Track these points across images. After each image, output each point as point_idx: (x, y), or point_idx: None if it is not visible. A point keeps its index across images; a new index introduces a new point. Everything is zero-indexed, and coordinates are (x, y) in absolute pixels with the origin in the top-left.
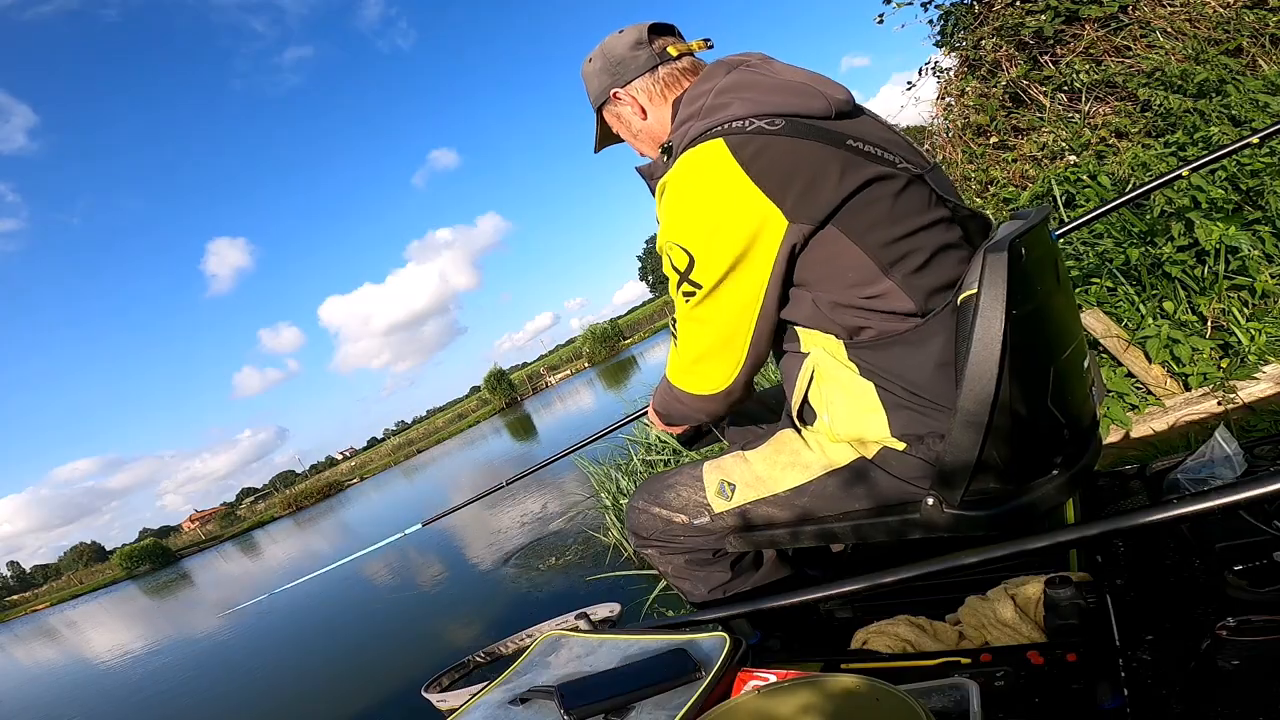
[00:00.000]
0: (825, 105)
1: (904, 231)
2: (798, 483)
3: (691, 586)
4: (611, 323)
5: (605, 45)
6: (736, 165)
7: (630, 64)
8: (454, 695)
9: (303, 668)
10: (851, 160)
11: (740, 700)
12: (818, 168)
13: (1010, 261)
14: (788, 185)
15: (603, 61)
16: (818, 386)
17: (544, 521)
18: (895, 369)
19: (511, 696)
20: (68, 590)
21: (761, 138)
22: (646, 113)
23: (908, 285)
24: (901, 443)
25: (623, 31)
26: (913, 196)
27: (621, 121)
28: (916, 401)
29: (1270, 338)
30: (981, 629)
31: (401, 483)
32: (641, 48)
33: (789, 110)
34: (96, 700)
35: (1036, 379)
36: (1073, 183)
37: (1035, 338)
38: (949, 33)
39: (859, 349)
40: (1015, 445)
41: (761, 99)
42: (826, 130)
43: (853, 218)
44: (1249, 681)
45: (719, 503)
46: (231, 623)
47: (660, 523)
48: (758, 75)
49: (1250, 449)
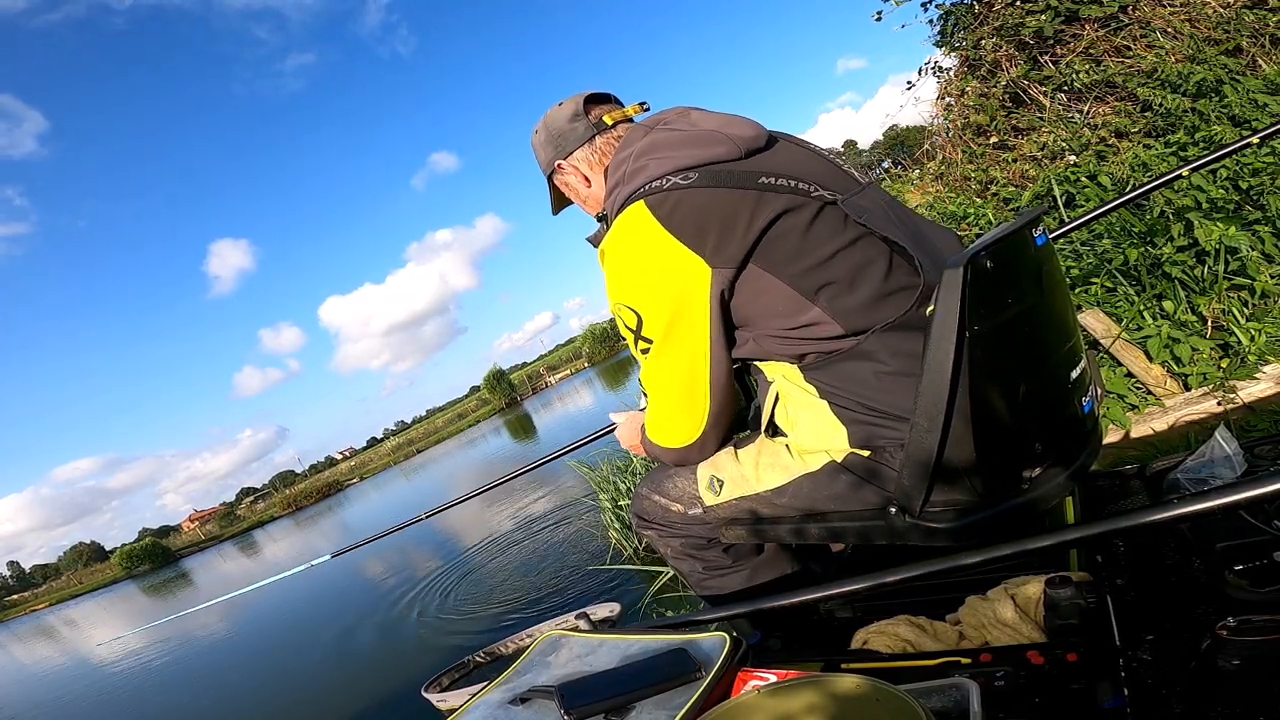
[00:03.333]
0: (732, 149)
1: (820, 258)
2: (778, 483)
3: (689, 568)
4: (611, 323)
5: (547, 118)
6: (657, 224)
7: (570, 136)
8: (454, 695)
9: (303, 667)
10: (762, 198)
11: (740, 700)
12: (727, 214)
13: (973, 276)
14: (704, 234)
15: (546, 134)
16: (783, 408)
17: (544, 522)
18: (845, 385)
19: (511, 696)
20: (67, 590)
21: (676, 193)
22: (589, 180)
23: (834, 308)
24: (866, 451)
25: (561, 105)
26: (825, 222)
27: (570, 189)
28: (870, 415)
29: (1270, 338)
30: (981, 629)
31: (401, 483)
32: (579, 119)
33: (699, 161)
34: (97, 699)
35: (1004, 390)
36: (1073, 183)
37: (1006, 348)
38: (949, 32)
39: (811, 370)
40: (978, 456)
41: (674, 155)
42: (737, 173)
43: (769, 252)
44: (1249, 681)
45: (709, 496)
46: (231, 622)
47: (660, 509)
48: (670, 132)
49: (1250, 449)
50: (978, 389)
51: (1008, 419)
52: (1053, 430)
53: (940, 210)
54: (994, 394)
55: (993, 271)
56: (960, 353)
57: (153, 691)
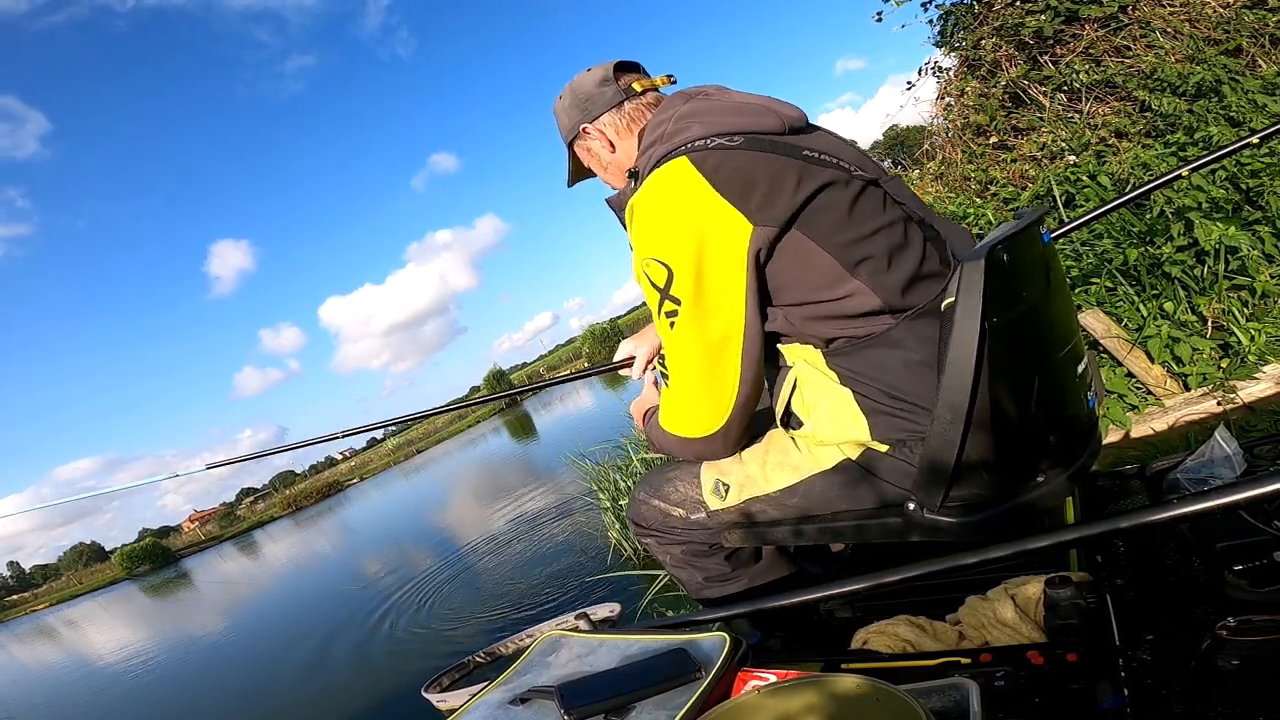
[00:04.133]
0: (778, 122)
1: (863, 233)
2: (788, 483)
3: (689, 576)
4: (611, 322)
5: (574, 83)
6: (700, 177)
7: (598, 100)
8: (454, 695)
9: (302, 668)
10: (807, 168)
11: (740, 700)
12: (775, 175)
13: (990, 269)
14: (749, 192)
15: (572, 98)
16: (800, 395)
17: (543, 522)
18: (871, 373)
19: (511, 696)
20: (67, 590)
21: (721, 152)
22: (614, 146)
23: (874, 283)
24: (884, 445)
25: (590, 70)
26: (869, 200)
27: (591, 155)
28: (895, 405)
29: (1270, 338)
30: (981, 629)
31: (401, 483)
32: (608, 85)
33: (745, 129)
34: (96, 699)
35: (1020, 385)
36: (1073, 183)
37: (1020, 343)
38: (949, 32)
39: (836, 356)
40: (997, 451)
41: (719, 120)
42: (782, 144)
43: (814, 220)
44: (1249, 681)
45: (714, 500)
46: (231, 622)
47: (659, 515)
48: (714, 101)
49: (1250, 449)
50: (997, 381)
51: (1025, 413)
52: (1061, 427)
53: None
54: (1012, 387)
55: (1008, 265)
56: (982, 345)
57: (152, 692)
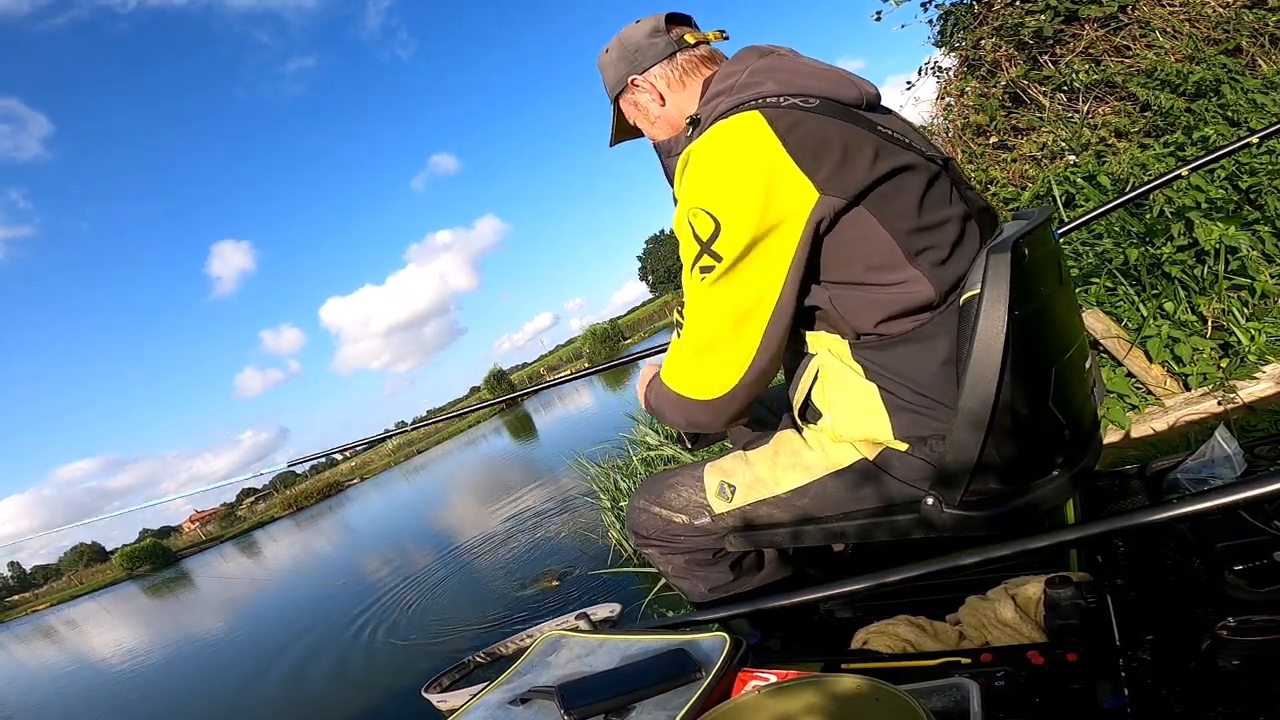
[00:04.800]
0: (858, 94)
1: (930, 222)
2: (799, 484)
3: (691, 586)
4: (611, 323)
5: (622, 35)
6: (772, 134)
7: (648, 51)
8: (454, 695)
9: (303, 667)
10: (885, 145)
11: (740, 700)
12: (852, 146)
13: (1013, 262)
14: (822, 159)
15: (620, 50)
16: (821, 386)
17: (543, 522)
18: (899, 369)
19: (511, 696)
20: (68, 591)
21: (797, 113)
22: (665, 99)
23: (933, 275)
24: (904, 444)
25: (639, 21)
26: (939, 188)
27: (639, 109)
28: (920, 402)
29: (1270, 338)
30: (981, 629)
31: (401, 484)
32: (659, 35)
33: (823, 93)
34: (95, 698)
35: (1038, 379)
36: (1072, 183)
37: (1037, 338)
38: (949, 32)
39: (864, 349)
40: (1016, 445)
41: (796, 81)
42: (859, 116)
43: (883, 201)
44: (1249, 681)
45: (719, 504)
46: (230, 620)
47: (661, 522)
48: (791, 61)
49: (1250, 449)
50: (1019, 374)
51: (1043, 407)
52: (1072, 422)
53: None
54: (1032, 381)
55: (1027, 259)
56: (1009, 337)
57: (151, 692)
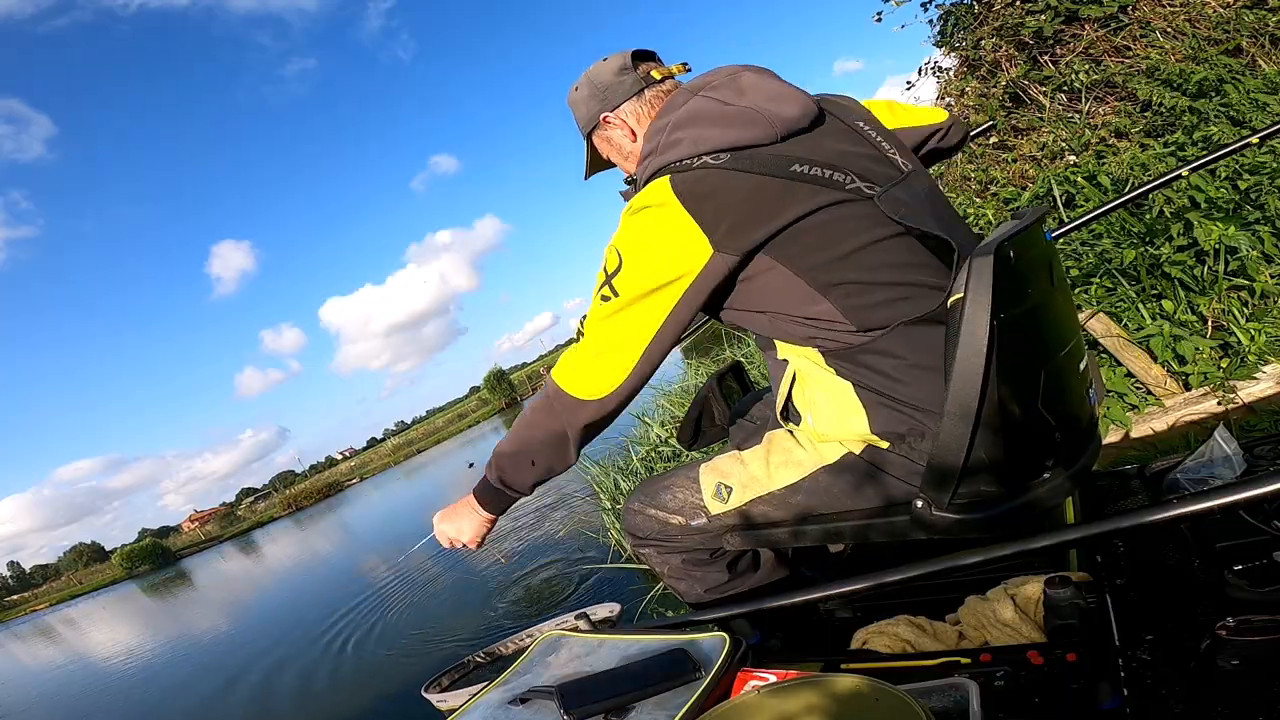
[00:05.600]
0: (768, 131)
1: (840, 253)
2: (792, 480)
3: (688, 587)
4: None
5: (591, 73)
6: (674, 199)
7: (617, 89)
8: (454, 695)
9: (302, 666)
10: (791, 189)
11: (740, 700)
12: (753, 201)
13: (997, 265)
14: (720, 218)
15: (590, 88)
16: (800, 388)
17: (543, 522)
18: (870, 370)
19: (511, 697)
20: (67, 590)
21: (702, 172)
22: (636, 134)
23: (845, 305)
24: (884, 441)
25: (607, 59)
26: (856, 218)
27: (612, 145)
28: (894, 401)
29: (1270, 338)
30: (981, 629)
31: (401, 483)
32: (626, 73)
33: (734, 144)
34: (94, 698)
35: (1027, 381)
36: (1072, 183)
37: (1026, 340)
38: (949, 32)
39: (832, 357)
40: (1005, 447)
41: (707, 135)
42: (770, 158)
43: (787, 245)
44: (1249, 681)
45: (715, 504)
46: (228, 621)
47: (656, 524)
48: (711, 103)
49: (1250, 449)
50: (1005, 377)
51: (1032, 409)
52: (1065, 425)
53: None
54: (1019, 383)
55: (1015, 261)
56: (992, 340)
57: (150, 691)
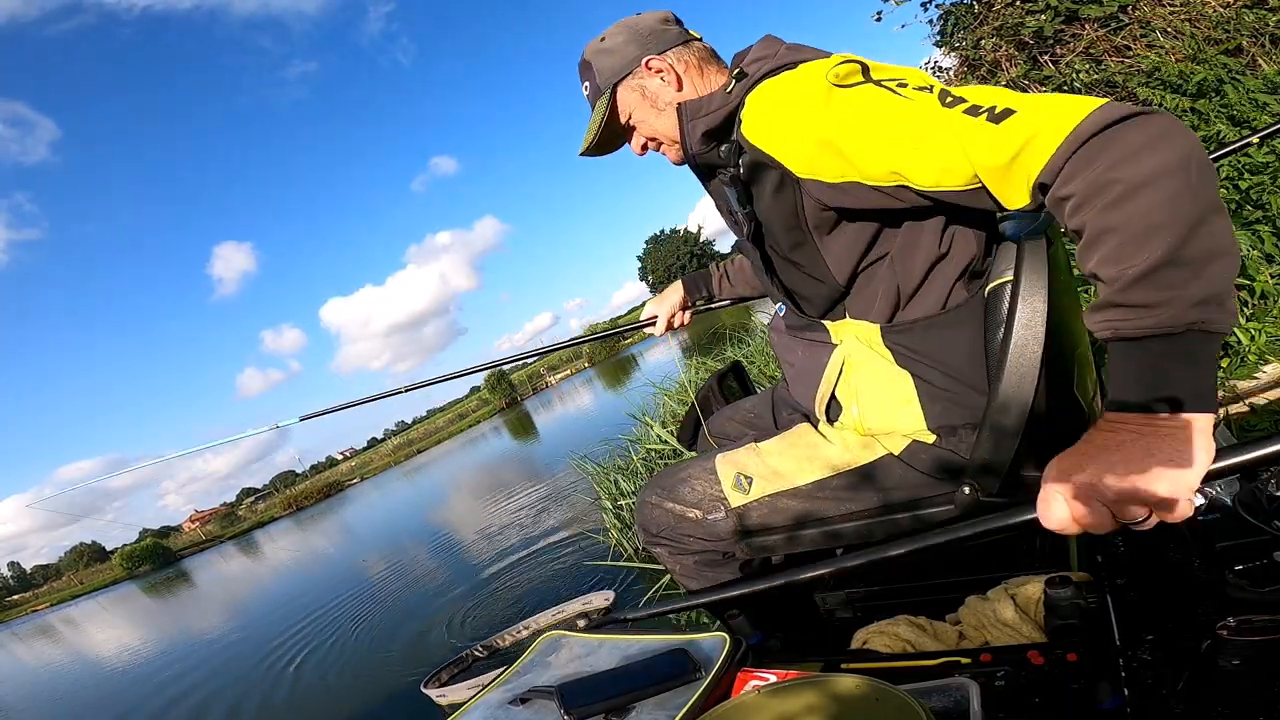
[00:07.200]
0: None
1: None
2: (818, 477)
3: (699, 587)
4: (611, 322)
5: (628, 22)
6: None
7: (664, 35)
8: (453, 690)
9: (302, 664)
10: None
11: (740, 700)
12: None
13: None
14: None
15: (630, 33)
16: (847, 379)
17: (542, 521)
18: (934, 353)
19: (511, 697)
20: (68, 590)
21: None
22: (682, 84)
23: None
24: (933, 435)
25: (642, 14)
26: None
27: (646, 96)
28: (955, 389)
29: (1270, 338)
30: (981, 629)
31: (401, 483)
32: (670, 24)
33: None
34: (93, 698)
35: (1064, 367)
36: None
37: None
38: (949, 32)
39: (896, 334)
40: (1050, 432)
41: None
42: None
43: None
44: (1249, 681)
45: (736, 496)
46: (228, 619)
47: (672, 519)
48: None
49: None
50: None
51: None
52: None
53: None
54: (1061, 367)
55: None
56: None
57: (153, 690)
